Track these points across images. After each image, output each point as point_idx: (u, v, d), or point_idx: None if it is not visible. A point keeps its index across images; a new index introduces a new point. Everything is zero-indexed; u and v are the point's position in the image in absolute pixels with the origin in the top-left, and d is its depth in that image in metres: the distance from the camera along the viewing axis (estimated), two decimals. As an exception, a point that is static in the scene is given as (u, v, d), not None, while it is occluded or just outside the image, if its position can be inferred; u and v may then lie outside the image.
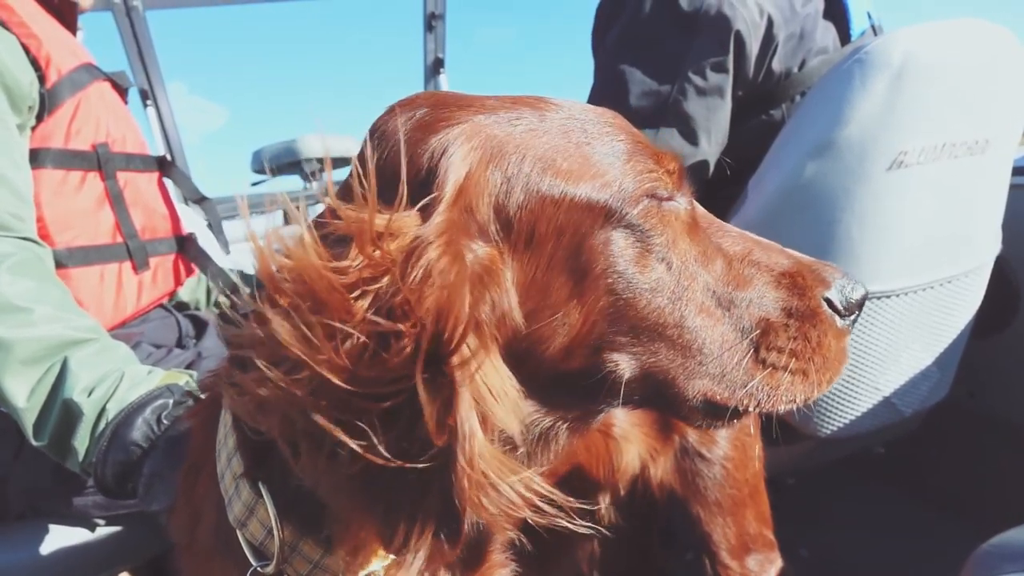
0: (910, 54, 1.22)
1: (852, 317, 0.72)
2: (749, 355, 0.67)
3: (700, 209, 0.73)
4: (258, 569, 0.64)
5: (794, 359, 0.67)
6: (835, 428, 1.45)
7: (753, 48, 1.38)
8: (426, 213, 0.57)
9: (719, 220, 0.74)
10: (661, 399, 0.69)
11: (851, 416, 1.45)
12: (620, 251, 0.64)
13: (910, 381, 1.49)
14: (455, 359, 0.52)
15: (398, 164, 0.57)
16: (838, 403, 1.43)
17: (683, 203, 0.69)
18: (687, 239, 0.68)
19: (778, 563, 1.24)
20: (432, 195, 0.58)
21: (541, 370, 0.63)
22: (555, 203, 0.62)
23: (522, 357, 0.62)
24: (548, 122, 0.65)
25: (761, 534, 1.21)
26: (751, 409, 0.67)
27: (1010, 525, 0.87)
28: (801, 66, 1.46)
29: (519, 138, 0.63)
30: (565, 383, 0.65)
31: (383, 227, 0.54)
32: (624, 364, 0.65)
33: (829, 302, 0.69)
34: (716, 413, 0.68)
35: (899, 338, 1.42)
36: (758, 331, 0.67)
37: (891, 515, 2.07)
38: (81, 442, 1.00)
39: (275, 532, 0.62)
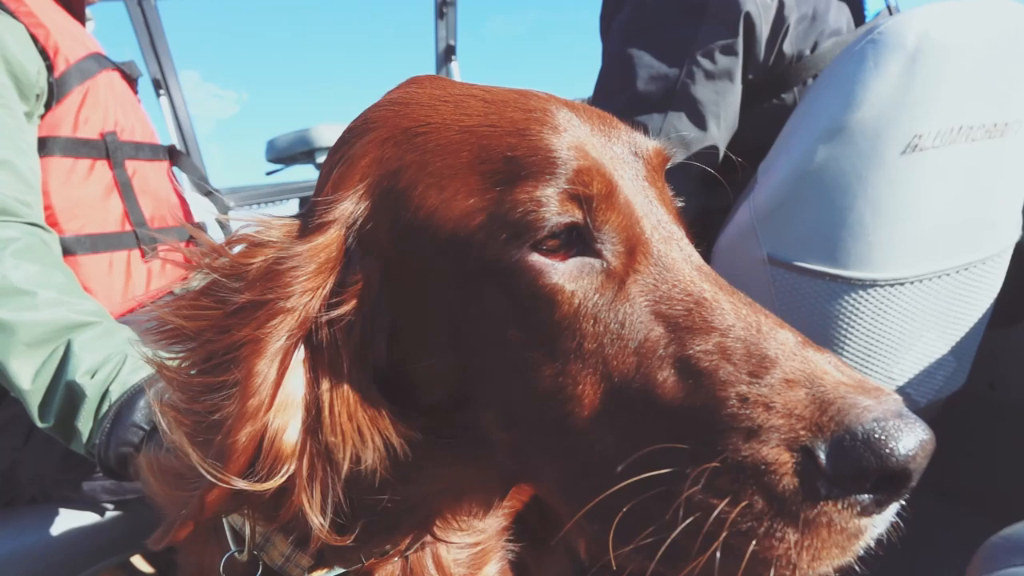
0: (925, 34, 1.18)
1: (854, 497, 0.42)
2: (649, 496, 0.45)
3: (660, 252, 0.52)
4: (235, 554, 0.65)
5: (717, 526, 0.43)
6: (847, 418, 1.42)
7: (763, 30, 1.35)
8: (307, 229, 0.56)
9: (701, 273, 0.52)
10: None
11: (863, 406, 1.42)
12: (482, 311, 0.51)
13: (925, 370, 1.46)
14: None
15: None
16: (850, 393, 1.40)
17: (605, 252, 0.51)
18: (597, 306, 0.50)
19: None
20: (321, 207, 0.57)
21: (416, 409, 0.57)
22: (418, 238, 0.54)
23: (394, 392, 0.57)
24: (449, 132, 0.55)
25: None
26: (640, 565, 0.48)
27: (1025, 518, 0.85)
28: (813, 48, 1.43)
29: (411, 156, 0.55)
30: (446, 435, 0.58)
31: (257, 237, 0.56)
32: (495, 436, 0.55)
33: (810, 456, 0.42)
34: (602, 547, 0.49)
35: (913, 326, 1.38)
36: (670, 469, 0.45)
37: (915, 510, 2.04)
38: (85, 424, 1.01)
39: (248, 522, 0.63)
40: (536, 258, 0.50)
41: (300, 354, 0.54)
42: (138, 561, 1.62)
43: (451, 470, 0.62)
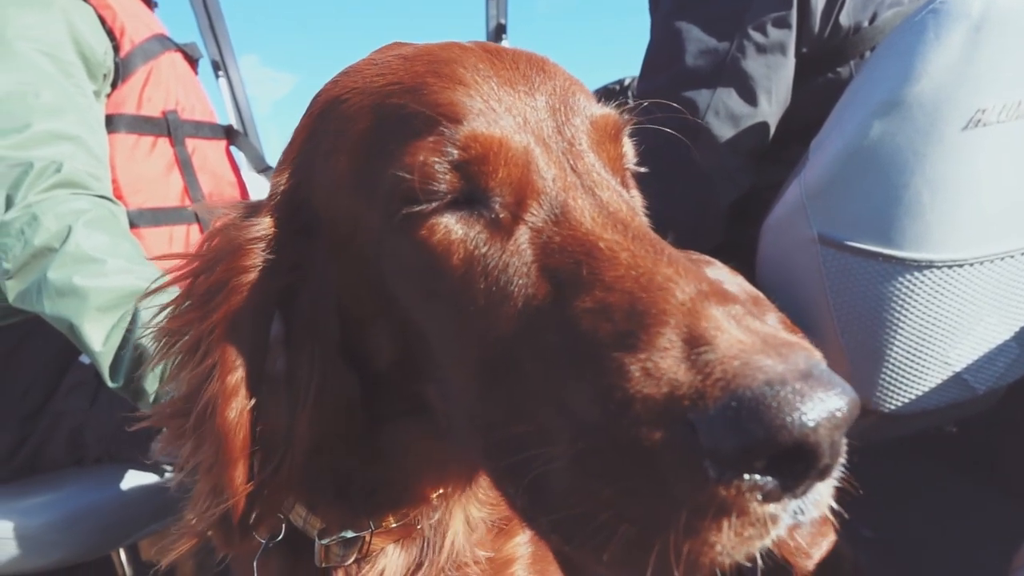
0: (991, 1, 1.13)
1: (754, 479, 0.35)
2: (540, 474, 0.42)
3: (557, 200, 0.47)
4: None
5: (595, 510, 0.39)
6: (899, 403, 1.38)
7: (819, 1, 1.31)
8: (257, 208, 0.58)
9: (610, 220, 0.46)
10: None
11: (917, 391, 1.38)
12: (394, 273, 0.51)
13: (985, 356, 1.40)
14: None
15: None
16: (902, 376, 1.36)
17: (494, 202, 0.48)
18: (486, 258, 0.47)
19: (831, 537, 1.20)
20: (271, 185, 0.58)
21: (384, 388, 0.57)
22: (337, 207, 0.55)
23: (360, 369, 0.58)
24: (363, 96, 0.55)
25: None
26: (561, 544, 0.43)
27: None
28: (872, 20, 1.38)
29: (331, 125, 0.56)
30: (415, 412, 0.58)
31: (226, 225, 0.57)
32: (437, 408, 0.54)
33: (691, 430, 0.35)
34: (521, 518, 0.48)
35: (972, 309, 1.33)
36: (546, 449, 0.41)
37: (961, 498, 1.97)
38: (151, 384, 1.07)
39: None
40: (426, 213, 0.48)
41: (276, 327, 0.57)
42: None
43: (427, 444, 0.61)
